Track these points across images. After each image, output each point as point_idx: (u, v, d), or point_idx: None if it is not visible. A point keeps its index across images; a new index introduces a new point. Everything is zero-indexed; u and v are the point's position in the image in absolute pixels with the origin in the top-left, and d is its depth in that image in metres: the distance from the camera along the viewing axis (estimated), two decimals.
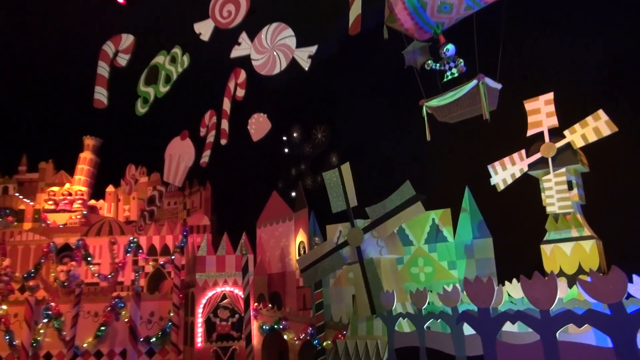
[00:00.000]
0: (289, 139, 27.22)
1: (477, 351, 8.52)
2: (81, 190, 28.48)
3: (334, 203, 13.50)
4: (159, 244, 23.81)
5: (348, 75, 23.56)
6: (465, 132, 15.77)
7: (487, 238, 16.37)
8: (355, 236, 12.47)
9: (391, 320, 10.07)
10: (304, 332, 16.91)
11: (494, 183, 14.40)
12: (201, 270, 18.92)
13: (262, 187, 25.49)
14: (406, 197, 13.06)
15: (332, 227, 19.55)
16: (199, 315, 18.52)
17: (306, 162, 26.07)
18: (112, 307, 19.86)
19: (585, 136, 13.53)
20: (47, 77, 29.95)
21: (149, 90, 13.44)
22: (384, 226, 12.78)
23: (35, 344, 19.54)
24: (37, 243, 24.03)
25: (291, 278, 20.44)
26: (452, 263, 16.84)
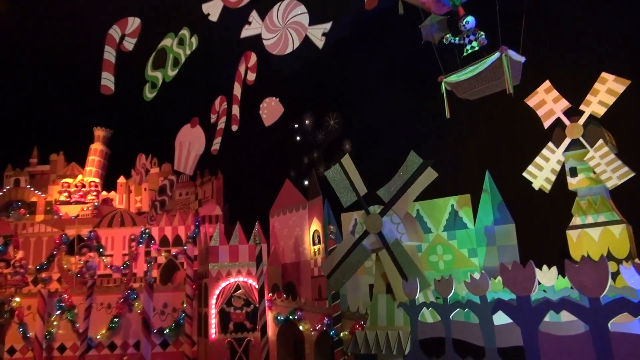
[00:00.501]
0: (300, 126, 26.67)
1: (508, 342, 7.99)
2: (94, 181, 28.27)
3: (343, 198, 13.07)
4: (171, 234, 23.51)
5: (360, 58, 22.91)
6: (486, 110, 15.11)
7: (510, 224, 15.73)
8: (373, 222, 11.92)
9: (414, 310, 9.56)
10: (320, 323, 16.50)
11: (539, 187, 13.73)
12: (214, 261, 18.54)
13: (275, 175, 25.04)
14: (415, 167, 12.58)
15: (347, 216, 19.07)
16: (213, 306, 18.17)
17: (319, 150, 25.52)
18: (125, 298, 19.60)
19: (603, 101, 12.89)
20: (55, 68, 29.67)
21: (157, 74, 12.97)
22: (401, 203, 12.24)
23: (49, 336, 19.38)
24: (49, 235, 23.86)
25: (306, 268, 20.00)
26: (472, 250, 16.25)
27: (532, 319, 7.21)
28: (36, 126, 30.59)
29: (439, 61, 12.08)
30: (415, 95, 19.60)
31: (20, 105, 30.82)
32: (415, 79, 19.30)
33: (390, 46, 20.71)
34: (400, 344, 10.37)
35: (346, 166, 13.97)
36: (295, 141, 26.79)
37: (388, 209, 12.30)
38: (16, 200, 27.77)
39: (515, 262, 7.99)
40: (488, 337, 8.15)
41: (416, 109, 20.14)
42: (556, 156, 13.75)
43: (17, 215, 26.87)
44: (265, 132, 27.16)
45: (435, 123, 18.80)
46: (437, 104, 15.12)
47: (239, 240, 18.92)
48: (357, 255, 12.10)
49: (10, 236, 23.63)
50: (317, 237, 19.69)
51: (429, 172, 12.29)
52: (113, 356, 19.35)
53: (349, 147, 23.87)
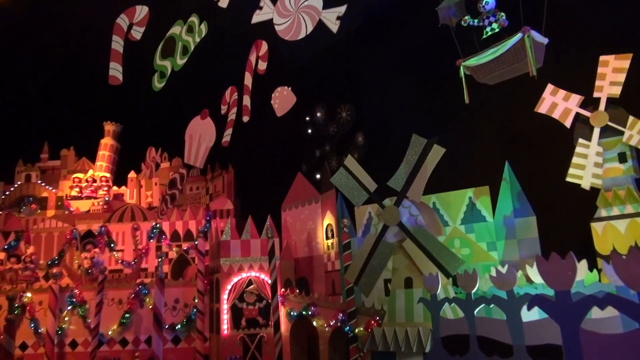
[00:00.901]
0: (312, 119, 26.23)
1: (538, 340, 7.52)
2: (106, 176, 28.12)
3: (355, 199, 12.71)
4: (182, 229, 23.23)
5: (372, 47, 22.33)
6: (505, 97, 14.52)
7: (530, 217, 15.15)
8: (390, 215, 11.46)
9: (436, 305, 9.11)
10: (335, 319, 16.10)
11: (589, 185, 12.84)
12: (226, 255, 18.22)
13: (286, 169, 24.66)
14: (420, 148, 12.23)
15: (361, 209, 18.60)
16: (225, 302, 17.87)
17: (330, 143, 25.08)
18: (136, 294, 19.38)
19: (615, 81, 12.26)
20: (64, 63, 29.51)
21: (166, 63, 12.61)
22: (414, 188, 11.83)
23: (61, 332, 19.24)
24: (60, 230, 23.70)
25: (319, 262, 19.59)
26: (491, 244, 15.71)
27: (573, 316, 6.72)
28: (46, 121, 30.50)
29: (457, 44, 11.56)
30: (431, 84, 19.03)
31: (30, 101, 30.76)
32: (430, 67, 18.73)
33: (404, 33, 20.13)
34: (420, 341, 9.93)
35: (350, 167, 13.62)
36: (307, 134, 26.36)
37: (402, 197, 11.82)
38: (27, 195, 27.72)
39: (554, 254, 7.52)
40: (516, 334, 7.69)
41: (431, 99, 19.57)
42: (593, 149, 13.02)
43: (28, 210, 26.81)
44: (276, 125, 26.79)
45: (452, 113, 18.24)
46: (453, 92, 14.59)
47: (250, 234, 18.58)
48: (382, 253, 11.61)
49: (22, 232, 23.57)
50: (330, 231, 19.27)
51: (436, 149, 11.92)
52: (125, 352, 19.15)
53: (362, 139, 23.38)
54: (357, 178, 12.87)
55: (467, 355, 8.33)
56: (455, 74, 12.91)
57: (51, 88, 30.81)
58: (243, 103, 14.64)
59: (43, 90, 30.76)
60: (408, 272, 11.18)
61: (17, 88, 30.08)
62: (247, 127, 26.02)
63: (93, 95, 29.93)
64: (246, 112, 14.46)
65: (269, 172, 24.71)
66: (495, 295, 8.07)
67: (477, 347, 8.20)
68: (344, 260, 16.12)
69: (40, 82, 30.82)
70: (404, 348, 10.08)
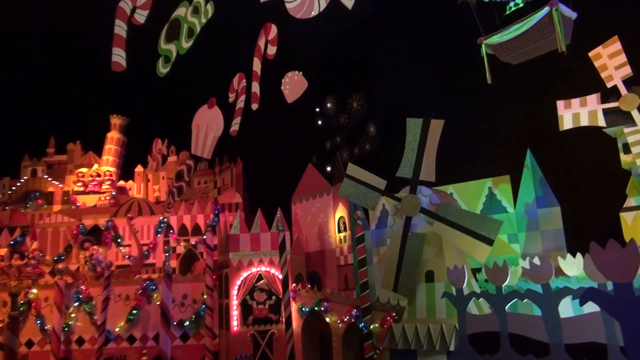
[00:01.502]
0: (322, 110, 25.56)
1: (578, 338, 6.82)
2: (110, 170, 27.68)
3: (369, 203, 12.02)
4: (190, 223, 22.69)
5: (385, 31, 21.54)
6: (526, 80, 13.75)
7: (554, 207, 14.37)
8: (410, 204, 10.73)
9: (462, 300, 8.42)
10: (348, 315, 15.47)
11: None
12: (235, 250, 17.62)
13: (296, 161, 24.04)
14: (418, 129, 11.63)
15: None
16: (234, 298, 17.29)
17: (341, 134, 24.39)
18: (144, 289, 18.85)
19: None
20: (70, 56, 29.04)
21: (171, 47, 12.00)
22: (425, 169, 11.15)
23: (67, 329, 18.76)
24: (67, 225, 23.26)
25: (331, 256, 18.95)
26: (512, 236, 14.95)
27: (637, 311, 6.00)
28: (52, 115, 30.08)
29: (478, 22, 10.79)
30: (447, 67, 18.26)
31: (36, 95, 30.35)
32: (446, 49, 17.94)
33: (418, 13, 19.31)
34: (444, 338, 9.26)
35: (354, 174, 12.91)
36: (317, 125, 25.71)
37: (416, 182, 11.07)
38: (34, 190, 27.33)
39: (612, 241, 6.80)
40: (553, 332, 6.99)
41: (447, 84, 18.81)
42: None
43: (34, 205, 26.43)
44: (285, 116, 26.13)
45: (470, 98, 17.48)
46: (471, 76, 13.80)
47: (260, 228, 17.97)
48: (413, 246, 10.77)
49: (27, 227, 23.16)
50: (342, 224, 18.61)
51: (435, 123, 11.23)
52: (132, 349, 18.66)
53: (374, 129, 22.67)
54: (364, 182, 12.23)
55: (498, 355, 7.64)
56: (474, 56, 12.14)
57: (57, 81, 30.36)
58: (252, 90, 13.98)
59: (49, 84, 30.32)
60: (429, 265, 10.47)
61: (23, 82, 29.68)
62: (255, 120, 25.41)
63: (99, 88, 29.48)
64: (255, 99, 13.82)
65: (279, 164, 24.11)
66: (530, 289, 7.38)
67: (509, 346, 7.51)
68: (358, 254, 15.49)
69: (45, 76, 30.38)
70: (426, 346, 9.42)
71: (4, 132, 28.09)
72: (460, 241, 10.03)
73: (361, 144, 23.05)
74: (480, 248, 9.59)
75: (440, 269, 10.20)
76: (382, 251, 17.50)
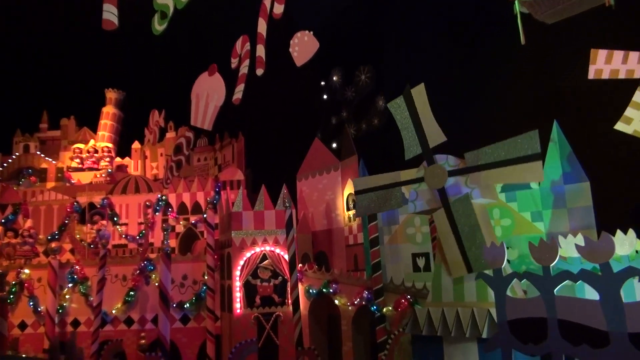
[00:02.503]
0: (327, 83, 24.38)
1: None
2: (107, 147, 26.55)
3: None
4: (190, 201, 21.71)
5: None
6: (558, 40, 12.60)
7: (583, 182, 13.28)
8: (435, 174, 9.62)
9: (501, 282, 7.41)
10: (359, 297, 14.56)
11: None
12: (237, 228, 16.61)
13: (300, 137, 22.97)
14: (403, 105, 10.19)
15: (383, 177, 16.88)
16: (237, 279, 16.33)
17: (348, 109, 23.26)
18: (141, 270, 17.91)
19: None
20: (62, 27, 27.68)
21: (167, 1, 10.85)
22: (430, 135, 9.92)
23: (61, 310, 17.86)
24: (60, 203, 22.25)
25: (339, 236, 17.99)
26: (536, 214, 13.90)
27: None
28: (45, 89, 28.85)
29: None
30: (462, 36, 17.04)
31: (27, 67, 29.06)
32: (462, 16, 16.70)
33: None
34: (475, 324, 8.29)
35: (364, 186, 10.82)
36: (322, 100, 24.59)
37: (428, 151, 9.86)
38: (26, 167, 26.24)
39: None
40: (615, 319, 6.01)
41: (462, 53, 17.61)
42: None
43: (27, 183, 25.36)
44: (289, 91, 24.94)
45: (487, 68, 16.33)
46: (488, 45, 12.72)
47: (264, 205, 16.92)
48: (462, 212, 9.27)
49: (19, 204, 22.16)
50: (352, 202, 17.57)
51: (416, 91, 9.97)
52: (130, 332, 17.78)
53: (383, 103, 21.54)
54: (378, 187, 10.61)
55: (545, 344, 6.65)
56: (492, 21, 11.02)
57: (50, 53, 29.04)
58: (257, 54, 12.83)
59: (41, 56, 29.01)
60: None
61: (14, 54, 28.36)
62: (258, 94, 24.19)
63: (94, 61, 28.26)
64: (260, 64, 12.66)
65: (282, 140, 23.03)
66: (584, 270, 6.39)
67: (558, 334, 6.53)
68: (370, 233, 14.49)
69: (38, 47, 29.06)
70: (455, 332, 8.44)
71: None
72: (507, 176, 8.94)
73: (369, 119, 21.95)
74: (531, 169, 8.52)
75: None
76: (394, 230, 16.52)
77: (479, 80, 16.46)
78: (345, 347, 15.04)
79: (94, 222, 20.43)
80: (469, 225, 9.40)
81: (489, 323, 8.12)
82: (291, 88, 25.18)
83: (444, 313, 8.66)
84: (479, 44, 15.77)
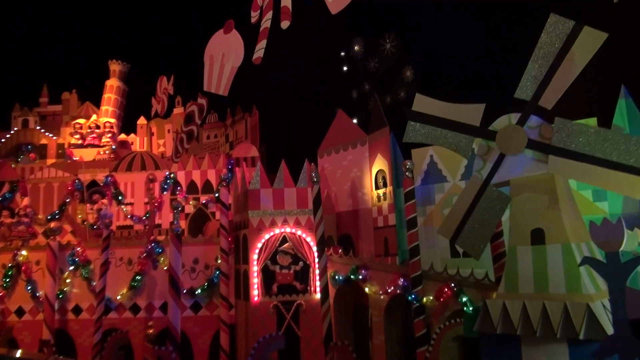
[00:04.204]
0: (348, 54, 22.57)
1: None
2: (110, 122, 24.89)
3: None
4: (200, 180, 20.07)
5: None
6: None
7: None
8: (511, 138, 7.82)
9: (620, 270, 5.72)
10: (394, 285, 12.93)
11: None
12: (255, 208, 14.97)
13: (320, 112, 21.28)
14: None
15: (419, 152, 15.20)
16: (254, 263, 14.73)
17: (370, 81, 21.46)
18: (148, 252, 16.32)
19: None
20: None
21: None
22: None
23: (62, 296, 16.34)
24: (61, 180, 20.69)
25: (366, 217, 16.31)
26: (598, 193, 12.20)
27: None
28: (46, 61, 27.13)
29: None
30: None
31: (27, 38, 27.35)
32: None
33: None
34: (569, 321, 6.62)
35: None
36: (342, 72, 22.83)
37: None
38: (25, 143, 24.68)
39: None
40: None
41: (504, 15, 15.74)
42: None
43: (26, 160, 23.81)
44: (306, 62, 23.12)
45: (538, 23, 14.46)
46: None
47: (284, 182, 15.25)
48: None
49: (17, 182, 20.58)
50: (382, 179, 15.86)
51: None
52: (136, 320, 16.27)
53: (411, 74, 19.72)
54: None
55: None
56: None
57: (50, 22, 27.26)
58: (282, 3, 11.06)
59: (41, 25, 27.26)
60: (537, 220, 7.66)
61: (12, 22, 26.62)
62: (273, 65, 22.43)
63: (97, 31, 26.52)
64: (286, 15, 10.89)
65: (301, 114, 21.32)
66: None
67: None
68: (407, 213, 12.79)
69: (38, 17, 27.29)
70: (541, 332, 6.78)
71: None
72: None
73: (394, 92, 20.16)
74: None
75: (555, 226, 7.41)
76: (429, 211, 14.87)
77: (523, 39, 14.60)
78: (376, 340, 13.47)
79: (93, 201, 18.86)
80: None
81: (588, 321, 6.45)
82: (308, 60, 23.41)
83: (525, 307, 6.98)
84: None
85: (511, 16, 15.92)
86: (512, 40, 15.37)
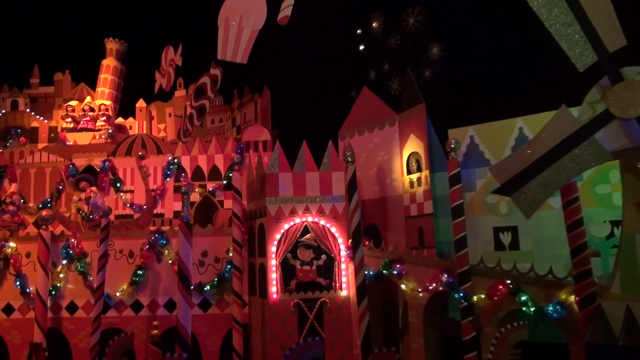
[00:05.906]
0: (365, 30, 20.89)
1: None
2: (105, 104, 23.14)
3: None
4: (207, 165, 18.41)
5: None
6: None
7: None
8: (624, 96, 6.23)
9: None
10: (435, 281, 11.35)
11: None
12: (273, 194, 13.35)
13: (338, 92, 19.70)
14: None
15: (457, 132, 13.59)
16: (273, 257, 13.12)
17: (391, 60, 19.78)
18: (151, 244, 14.68)
19: None
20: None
21: None
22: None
23: (55, 292, 14.70)
24: (53, 165, 18.95)
25: (396, 205, 14.70)
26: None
27: None
28: (37, 39, 25.27)
29: None
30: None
31: (16, 14, 25.47)
32: None
33: None
34: None
35: None
36: (358, 52, 21.17)
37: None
38: (14, 126, 22.90)
39: None
40: None
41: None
42: None
43: (16, 144, 22.04)
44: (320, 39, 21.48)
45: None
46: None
47: (306, 165, 13.62)
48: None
49: (5, 167, 18.89)
50: (415, 163, 14.23)
51: None
52: (139, 318, 14.67)
53: (437, 51, 18.07)
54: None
55: None
56: None
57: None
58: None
59: (32, 1, 25.37)
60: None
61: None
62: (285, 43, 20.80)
63: (92, 7, 24.72)
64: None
65: (318, 95, 19.73)
66: None
67: None
68: (452, 199, 11.19)
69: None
70: None
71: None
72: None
73: (419, 71, 18.50)
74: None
75: None
76: (470, 198, 13.29)
77: None
78: (413, 343, 11.90)
79: (80, 189, 17.17)
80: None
81: None
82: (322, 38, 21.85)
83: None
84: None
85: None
86: None
